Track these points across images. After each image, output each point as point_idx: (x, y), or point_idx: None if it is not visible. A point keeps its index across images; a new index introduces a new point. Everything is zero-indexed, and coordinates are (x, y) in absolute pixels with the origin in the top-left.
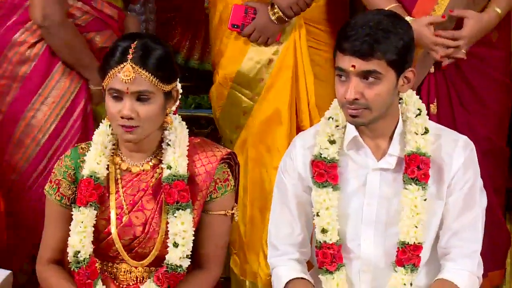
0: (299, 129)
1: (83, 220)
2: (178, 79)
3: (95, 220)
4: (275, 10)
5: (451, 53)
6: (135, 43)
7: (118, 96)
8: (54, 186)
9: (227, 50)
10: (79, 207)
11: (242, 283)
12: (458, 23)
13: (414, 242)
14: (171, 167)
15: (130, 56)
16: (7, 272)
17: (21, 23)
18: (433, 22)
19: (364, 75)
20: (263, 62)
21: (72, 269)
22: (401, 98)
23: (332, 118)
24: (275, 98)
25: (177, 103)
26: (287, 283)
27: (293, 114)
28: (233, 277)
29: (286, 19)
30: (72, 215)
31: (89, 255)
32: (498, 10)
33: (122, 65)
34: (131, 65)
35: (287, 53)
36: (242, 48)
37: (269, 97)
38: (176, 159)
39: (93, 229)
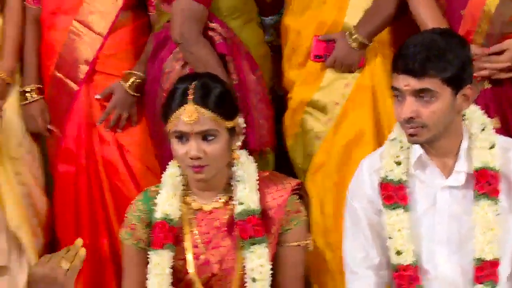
0: None
1: (160, 262)
2: (239, 115)
3: (172, 262)
4: (354, 37)
5: (495, 73)
6: (194, 83)
7: (184, 137)
8: (129, 230)
9: (301, 77)
10: (156, 250)
11: None
12: None
13: (491, 258)
14: (243, 203)
15: (190, 97)
16: None
17: (169, 53)
18: (478, 53)
19: (419, 93)
20: (340, 86)
21: None
22: (464, 115)
23: (396, 139)
24: (355, 120)
25: (242, 137)
26: None
27: (376, 136)
28: None
29: (367, 43)
30: (148, 258)
31: None
32: None
33: (184, 107)
34: (193, 106)
35: (364, 76)
36: (318, 74)
37: (348, 120)
38: (247, 194)
39: (171, 270)
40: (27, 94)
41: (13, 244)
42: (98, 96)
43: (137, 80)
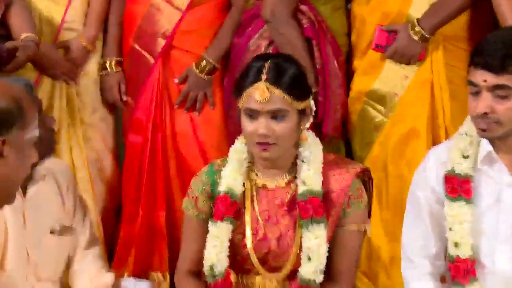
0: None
1: (219, 234)
2: (311, 97)
3: (231, 235)
4: (417, 29)
5: None
6: (268, 62)
7: (254, 115)
8: (192, 201)
9: (362, 67)
10: (216, 221)
11: None
12: None
13: None
14: (306, 184)
15: (264, 76)
16: (150, 283)
17: (256, 30)
18: None
19: (495, 89)
20: (399, 78)
21: (208, 282)
22: None
23: (466, 134)
24: (412, 113)
25: (311, 119)
26: None
27: (430, 130)
28: None
29: (429, 37)
30: (208, 229)
31: (225, 269)
32: None
33: (256, 85)
34: (266, 85)
35: (424, 69)
36: (378, 64)
37: (405, 112)
38: (311, 175)
39: (229, 243)
40: (107, 65)
41: (79, 206)
42: (176, 81)
43: (208, 66)
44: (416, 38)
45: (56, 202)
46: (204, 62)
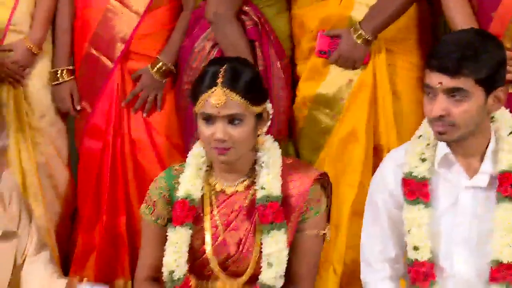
0: (376, 147)
1: (178, 240)
2: (267, 100)
3: (190, 240)
4: (359, 33)
5: None
6: (224, 67)
7: (211, 120)
8: (150, 206)
9: (306, 72)
10: (175, 227)
11: None
12: None
13: (508, 261)
14: (265, 188)
15: (220, 80)
16: (106, 287)
17: (201, 32)
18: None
19: (451, 92)
20: (344, 82)
21: None
22: (493, 116)
23: (423, 136)
24: (353, 117)
25: (268, 123)
26: None
27: (370, 133)
28: None
29: (371, 40)
30: (167, 235)
31: (184, 275)
32: None
33: (212, 90)
34: (222, 89)
35: (367, 72)
36: (322, 70)
37: (347, 116)
38: (270, 180)
39: (188, 248)
40: (58, 75)
41: (24, 212)
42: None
43: (163, 67)
44: (359, 41)
45: None
46: (160, 63)
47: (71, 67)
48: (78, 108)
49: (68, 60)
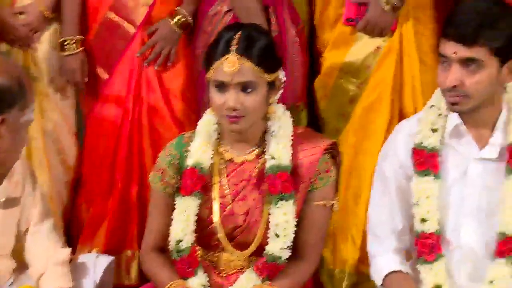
0: (402, 115)
1: (186, 209)
2: (281, 68)
3: (198, 209)
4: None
5: None
6: (239, 33)
7: (223, 87)
8: (159, 174)
9: (333, 41)
10: (183, 196)
11: (331, 272)
12: None
13: None
14: (274, 158)
15: (234, 47)
16: (110, 258)
17: None
18: None
19: (466, 62)
20: (371, 50)
21: (174, 258)
22: (505, 88)
23: (435, 106)
24: (378, 83)
25: (281, 92)
26: (387, 275)
27: (396, 100)
28: (323, 267)
29: (400, 6)
30: (175, 203)
31: (191, 244)
32: None
33: (226, 57)
34: (235, 56)
35: (394, 39)
36: (349, 38)
37: (373, 83)
38: (280, 149)
39: (196, 218)
40: (67, 46)
41: (29, 178)
42: (150, 29)
43: (183, 19)
44: (387, 8)
45: None
46: (180, 15)
47: (79, 37)
48: (86, 80)
49: (77, 29)
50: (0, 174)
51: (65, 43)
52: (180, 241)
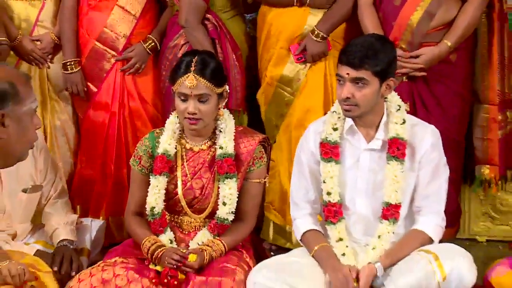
0: None
1: (157, 184)
2: (226, 83)
3: (167, 185)
4: (317, 33)
5: (411, 72)
6: (196, 57)
7: (185, 98)
8: (137, 159)
9: (273, 59)
10: (155, 175)
11: (283, 228)
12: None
13: (395, 202)
14: (222, 148)
15: (192, 68)
16: (102, 222)
17: (176, 32)
18: (401, 55)
19: (355, 81)
20: (300, 66)
21: (149, 220)
22: (386, 97)
23: (336, 112)
24: (311, 93)
25: (226, 100)
26: (304, 232)
27: (327, 107)
28: (274, 226)
29: (326, 36)
30: (149, 180)
31: (161, 210)
32: (448, 43)
33: (187, 75)
34: (194, 75)
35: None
36: (285, 56)
37: (306, 92)
38: (226, 141)
39: (165, 191)
40: (69, 66)
41: (50, 167)
42: (127, 52)
43: (152, 43)
44: (319, 39)
45: (29, 163)
46: (150, 41)
47: (77, 59)
48: (85, 89)
49: (75, 53)
50: (12, 154)
51: (67, 64)
52: (154, 207)
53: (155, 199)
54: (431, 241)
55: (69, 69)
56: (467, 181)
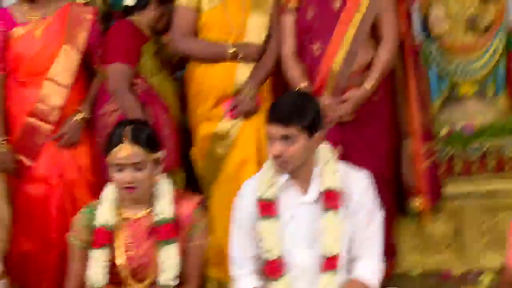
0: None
1: (98, 258)
2: (160, 148)
3: (108, 257)
4: (248, 90)
5: (338, 117)
6: (128, 127)
7: (120, 167)
8: (76, 234)
9: (205, 115)
10: (95, 249)
11: (226, 284)
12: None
13: (333, 254)
14: (161, 213)
15: (126, 138)
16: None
17: (107, 99)
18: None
19: (284, 138)
20: (233, 121)
21: None
22: (316, 151)
23: (270, 167)
24: (244, 146)
25: (162, 165)
26: None
27: (261, 160)
28: (217, 284)
29: (256, 91)
30: (90, 254)
31: (104, 283)
32: (367, 87)
33: (120, 145)
34: (128, 144)
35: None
36: (217, 113)
37: (239, 146)
38: (164, 206)
39: (107, 263)
40: None
41: None
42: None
43: (83, 115)
44: (251, 94)
45: None
46: (81, 113)
47: (6, 138)
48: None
49: (3, 132)
50: None
51: None
52: (95, 282)
53: (96, 273)
54: (371, 287)
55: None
56: (400, 215)
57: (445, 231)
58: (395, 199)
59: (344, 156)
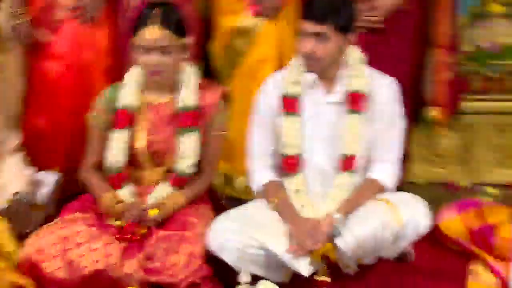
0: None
1: (119, 139)
2: (189, 36)
3: (127, 139)
4: None
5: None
6: (158, 8)
7: (147, 50)
8: (96, 113)
9: (228, 9)
10: (116, 130)
11: (231, 177)
12: None
13: (352, 154)
14: (184, 100)
15: (154, 19)
16: (56, 175)
17: None
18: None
19: (317, 35)
20: (256, 20)
21: (108, 175)
22: (344, 52)
23: (296, 65)
24: (265, 45)
25: (189, 52)
26: (264, 184)
27: (280, 58)
28: (223, 175)
29: None
30: (109, 135)
31: (122, 165)
32: None
33: (148, 27)
34: (156, 26)
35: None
36: (239, 9)
37: (260, 44)
38: (188, 94)
39: (126, 145)
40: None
41: (6, 131)
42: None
43: None
44: None
45: None
46: None
47: (26, 8)
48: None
49: (22, 3)
50: None
51: (15, 13)
52: (114, 162)
53: (115, 154)
54: (386, 189)
55: (17, 19)
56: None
57: (456, 145)
58: (412, 108)
59: (370, 62)
